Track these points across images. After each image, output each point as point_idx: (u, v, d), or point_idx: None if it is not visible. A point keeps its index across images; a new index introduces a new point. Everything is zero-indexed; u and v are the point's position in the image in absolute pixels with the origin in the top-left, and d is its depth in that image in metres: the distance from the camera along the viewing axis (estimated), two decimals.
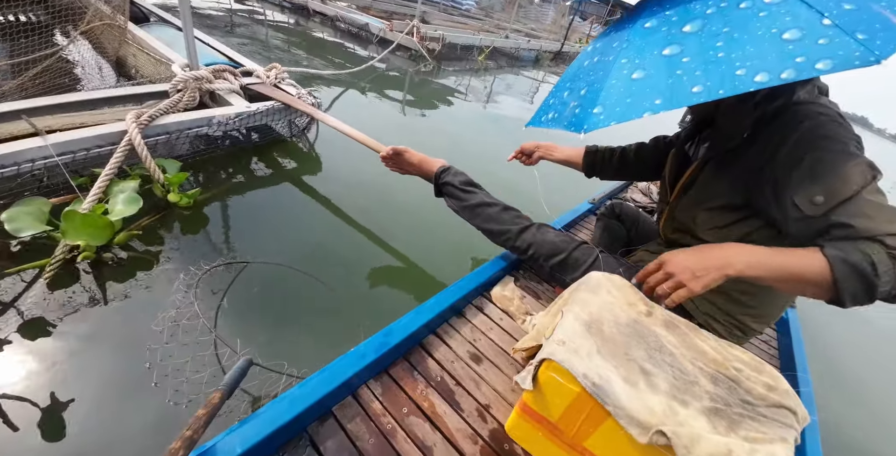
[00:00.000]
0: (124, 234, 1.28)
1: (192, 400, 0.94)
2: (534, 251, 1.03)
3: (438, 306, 0.95)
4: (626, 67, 0.62)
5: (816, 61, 0.49)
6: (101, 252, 1.23)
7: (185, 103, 1.73)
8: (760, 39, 0.53)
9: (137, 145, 1.42)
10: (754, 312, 0.85)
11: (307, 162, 2.15)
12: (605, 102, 0.60)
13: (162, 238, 1.38)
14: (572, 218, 1.66)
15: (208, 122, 1.68)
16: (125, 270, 1.23)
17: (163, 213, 1.46)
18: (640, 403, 0.53)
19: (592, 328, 0.64)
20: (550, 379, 0.59)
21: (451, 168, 1.19)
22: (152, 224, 1.41)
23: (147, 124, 1.51)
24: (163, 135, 1.57)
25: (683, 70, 0.56)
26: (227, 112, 1.74)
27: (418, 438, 0.71)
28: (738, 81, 0.51)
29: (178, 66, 1.86)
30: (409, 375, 0.82)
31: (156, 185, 1.49)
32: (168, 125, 1.58)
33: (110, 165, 1.36)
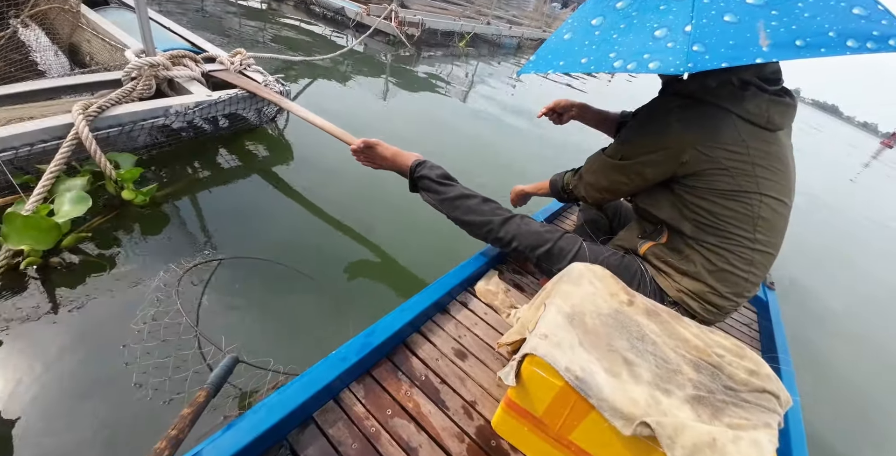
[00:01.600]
0: (73, 236, 1.19)
1: (174, 399, 0.91)
2: (518, 243, 1.02)
3: (421, 304, 0.93)
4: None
5: (652, 61, 0.58)
6: (48, 257, 1.14)
7: (140, 92, 1.61)
8: (640, 33, 0.63)
9: (85, 139, 1.31)
10: (713, 289, 0.84)
11: (278, 151, 2.06)
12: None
13: (116, 239, 1.29)
14: (554, 210, 1.66)
15: (165, 112, 1.57)
16: (76, 275, 1.15)
17: (116, 212, 1.37)
18: (623, 395, 0.52)
19: (575, 320, 0.63)
20: (533, 374, 0.58)
21: (427, 162, 1.16)
22: (105, 225, 1.31)
23: (96, 116, 1.40)
24: (115, 127, 1.46)
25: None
26: (185, 101, 1.63)
27: (403, 440, 0.70)
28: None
29: (131, 53, 1.74)
30: (392, 376, 0.80)
31: (108, 182, 1.39)
32: (120, 116, 1.47)
33: (55, 162, 1.25)
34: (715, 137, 0.76)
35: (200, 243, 1.37)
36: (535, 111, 4.51)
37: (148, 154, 1.66)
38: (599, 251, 0.97)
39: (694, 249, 0.84)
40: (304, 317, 1.24)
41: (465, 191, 1.09)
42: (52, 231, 1.13)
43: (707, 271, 0.83)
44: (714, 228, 0.81)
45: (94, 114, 1.39)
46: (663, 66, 0.57)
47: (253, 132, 2.12)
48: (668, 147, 0.80)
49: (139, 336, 1.02)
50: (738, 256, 0.81)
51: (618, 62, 0.62)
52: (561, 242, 0.99)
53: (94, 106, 1.41)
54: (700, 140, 0.77)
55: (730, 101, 0.77)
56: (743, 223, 0.79)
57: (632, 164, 0.86)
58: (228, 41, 3.73)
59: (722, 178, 0.77)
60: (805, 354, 1.80)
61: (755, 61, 0.54)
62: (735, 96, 0.77)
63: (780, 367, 0.99)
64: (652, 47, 0.59)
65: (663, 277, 0.89)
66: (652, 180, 0.86)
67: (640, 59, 0.59)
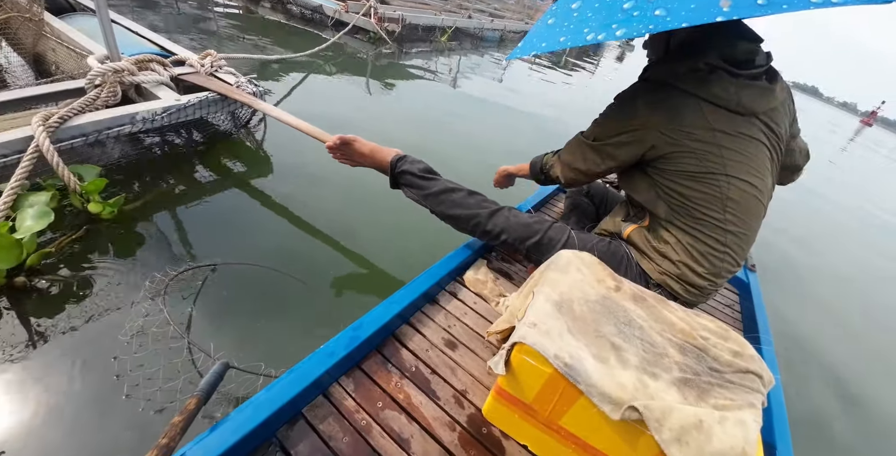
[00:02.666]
0: (37, 254, 1.13)
1: (166, 408, 0.90)
2: (507, 236, 1.01)
3: (410, 295, 0.92)
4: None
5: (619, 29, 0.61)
6: (12, 277, 1.08)
7: (104, 100, 1.52)
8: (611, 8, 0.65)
9: (46, 151, 1.24)
10: (693, 269, 0.85)
11: (256, 164, 1.99)
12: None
13: (87, 255, 1.24)
14: (541, 198, 1.66)
15: (131, 119, 1.49)
16: (47, 294, 1.10)
17: (85, 228, 1.30)
18: (611, 380, 0.53)
19: (563, 308, 0.63)
20: (523, 362, 0.58)
21: (408, 156, 1.13)
22: (74, 241, 1.25)
23: (58, 126, 1.32)
24: (78, 137, 1.37)
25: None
26: (152, 107, 1.55)
27: (394, 432, 0.69)
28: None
29: (94, 59, 1.65)
30: (382, 368, 0.80)
31: (73, 196, 1.32)
32: (83, 126, 1.38)
33: (16, 177, 1.18)
34: (679, 120, 0.78)
35: (175, 255, 1.33)
36: (520, 103, 4.49)
37: (118, 167, 1.58)
38: (587, 239, 0.97)
39: (669, 231, 0.86)
40: (295, 321, 1.22)
41: (449, 184, 1.07)
42: (13, 249, 1.06)
43: (683, 252, 0.84)
44: (685, 209, 0.82)
45: (55, 125, 1.31)
46: (627, 31, 0.59)
47: (229, 145, 2.03)
48: (634, 129, 0.82)
49: (128, 348, 1.00)
50: (711, 237, 0.82)
51: (590, 35, 0.64)
52: (550, 233, 0.99)
53: (55, 116, 1.33)
54: (664, 123, 0.79)
55: (696, 85, 0.78)
56: (712, 204, 0.80)
57: (603, 145, 0.88)
58: (205, 43, 3.58)
59: (688, 160, 0.79)
60: (788, 332, 1.87)
61: (715, 20, 0.54)
62: (702, 80, 0.78)
63: (761, 347, 1.01)
64: (620, 18, 0.62)
65: (646, 260, 0.90)
66: (623, 162, 0.88)
67: (608, 30, 0.62)
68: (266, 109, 1.72)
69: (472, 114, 3.70)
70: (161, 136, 1.83)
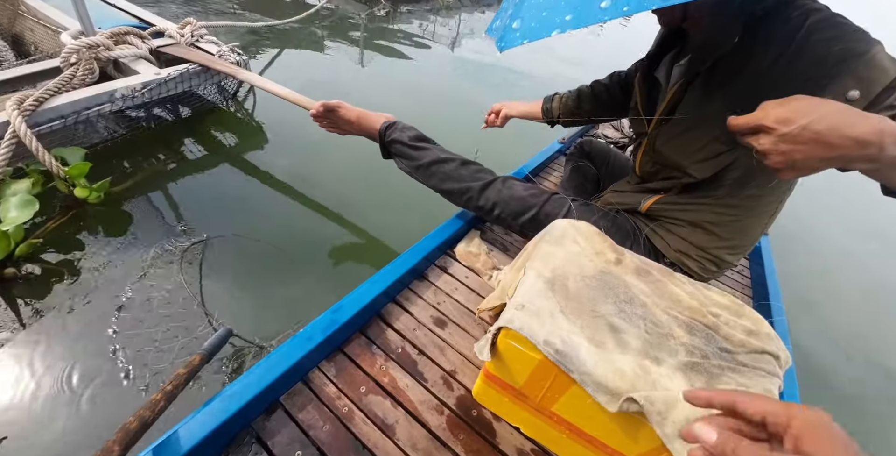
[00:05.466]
0: (26, 244, 1.08)
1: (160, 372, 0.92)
2: (500, 210, 0.92)
3: (397, 271, 0.86)
4: None
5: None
6: (1, 269, 1.04)
7: (81, 78, 1.41)
8: None
9: (24, 136, 1.16)
10: (729, 243, 0.80)
11: (248, 136, 1.89)
12: (523, 16, 0.48)
13: (77, 242, 1.19)
14: (540, 161, 1.55)
15: (110, 97, 1.39)
16: (38, 284, 1.06)
17: (73, 212, 1.25)
18: (607, 367, 0.46)
19: (556, 285, 0.56)
20: (510, 347, 0.52)
21: (398, 123, 1.02)
22: (62, 228, 1.21)
23: (34, 109, 1.23)
24: (57, 120, 1.29)
25: None
26: (131, 83, 1.44)
27: (378, 417, 0.66)
28: None
29: (68, 35, 1.52)
30: (366, 351, 0.75)
31: (58, 182, 1.25)
32: (60, 108, 1.30)
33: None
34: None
35: (167, 234, 1.27)
36: (525, 64, 4.20)
37: (104, 147, 1.51)
38: (589, 213, 0.88)
39: (721, 201, 0.75)
40: (295, 296, 1.19)
41: (442, 154, 0.97)
42: (0, 240, 1.03)
43: (730, 224, 0.75)
44: (754, 181, 0.71)
45: (30, 108, 1.22)
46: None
47: (219, 117, 1.92)
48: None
49: (127, 323, 1.00)
50: (765, 212, 0.75)
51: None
52: (547, 207, 0.90)
53: (30, 99, 1.24)
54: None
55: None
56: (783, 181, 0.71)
57: None
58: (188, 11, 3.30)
59: None
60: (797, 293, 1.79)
61: None
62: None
63: (773, 318, 0.95)
64: None
65: (664, 233, 0.82)
66: None
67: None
68: (249, 79, 1.60)
69: (473, 79, 3.47)
70: (148, 112, 1.74)
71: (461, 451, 0.63)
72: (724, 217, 0.77)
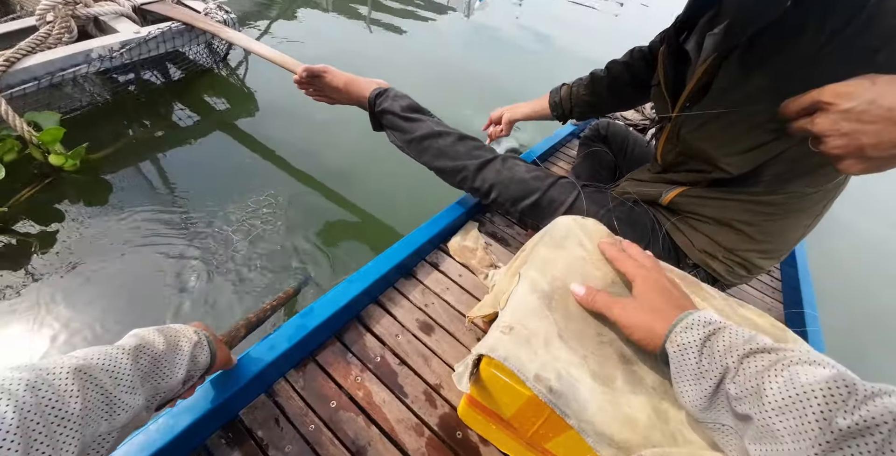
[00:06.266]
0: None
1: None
2: (497, 193, 0.81)
3: (380, 269, 0.77)
4: None
5: None
6: None
7: (57, 37, 1.33)
8: None
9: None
10: (763, 247, 0.68)
11: (240, 101, 1.80)
12: None
13: (54, 212, 1.14)
14: (550, 145, 1.42)
15: (86, 57, 1.31)
16: (10, 256, 1.02)
17: (48, 180, 1.19)
18: (614, 412, 0.37)
19: (554, 300, 0.46)
20: (494, 377, 0.43)
21: (390, 90, 0.90)
22: (36, 196, 1.15)
23: (4, 71, 1.17)
24: (30, 82, 1.22)
25: None
26: (108, 42, 1.35)
27: (349, 438, 0.58)
28: None
29: None
30: (341, 360, 0.67)
31: (33, 148, 1.19)
32: (32, 69, 1.22)
33: None
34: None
35: (152, 207, 1.21)
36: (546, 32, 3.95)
37: (87, 112, 1.44)
38: (601, 202, 0.77)
39: (757, 197, 0.64)
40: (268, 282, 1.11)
41: (437, 127, 0.85)
42: None
43: (764, 224, 0.64)
44: (804, 176, 0.60)
45: (1, 68, 1.15)
46: None
47: (210, 81, 1.83)
48: None
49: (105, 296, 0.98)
50: (810, 209, 0.63)
51: None
52: (552, 192, 0.78)
53: (1, 59, 1.17)
54: None
55: None
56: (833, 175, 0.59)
57: None
58: None
59: None
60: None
61: None
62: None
63: (806, 329, 0.84)
64: None
65: (688, 229, 0.70)
66: None
67: None
68: (234, 38, 1.49)
69: (488, 52, 3.26)
70: (135, 75, 1.66)
71: None
72: (758, 216, 0.65)
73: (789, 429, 0.26)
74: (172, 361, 0.39)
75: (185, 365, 0.40)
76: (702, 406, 0.32)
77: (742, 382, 0.29)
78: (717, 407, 0.31)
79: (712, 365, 0.32)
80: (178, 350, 0.40)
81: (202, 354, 0.43)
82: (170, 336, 0.41)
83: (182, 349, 0.41)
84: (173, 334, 0.41)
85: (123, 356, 0.34)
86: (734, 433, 0.31)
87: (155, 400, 0.37)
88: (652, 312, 0.38)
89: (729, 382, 0.30)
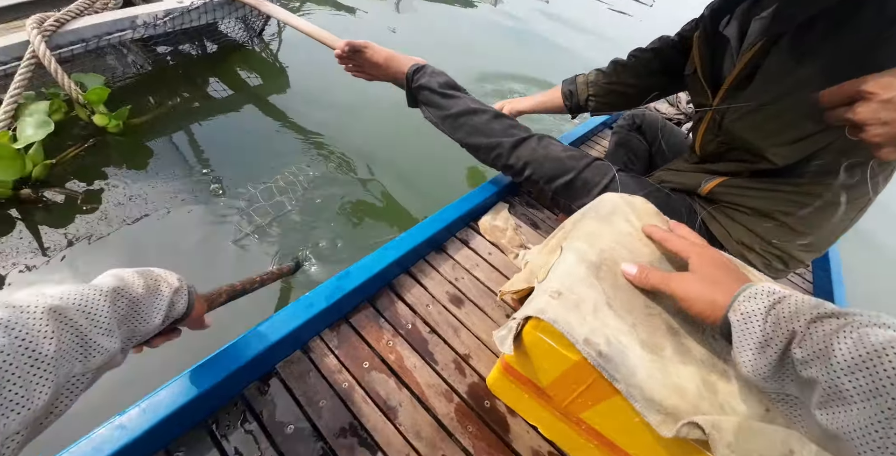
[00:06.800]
0: (42, 166, 1.08)
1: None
2: (531, 171, 0.81)
3: (413, 241, 0.78)
4: None
5: None
6: (18, 188, 1.05)
7: (104, 2, 1.37)
8: None
9: (43, 57, 1.14)
10: (805, 240, 0.67)
11: (272, 77, 1.82)
12: None
13: (96, 170, 1.18)
14: (582, 132, 1.40)
15: (132, 23, 1.34)
16: (57, 209, 1.07)
17: (92, 140, 1.23)
18: (664, 380, 0.37)
19: (602, 271, 0.46)
20: (539, 341, 0.43)
21: (427, 67, 0.90)
22: (81, 154, 1.20)
23: (54, 30, 1.20)
24: (77, 43, 1.26)
25: None
26: (153, 9, 1.39)
27: (380, 398, 0.59)
28: None
29: None
30: (373, 324, 0.68)
31: (79, 108, 1.24)
32: (81, 30, 1.26)
33: (15, 84, 1.11)
34: None
35: (186, 171, 1.25)
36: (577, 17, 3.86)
37: (128, 80, 1.49)
38: (637, 186, 0.76)
39: (801, 189, 0.62)
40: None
41: (473, 104, 0.85)
42: (15, 159, 1.02)
43: (808, 216, 0.63)
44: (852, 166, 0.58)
45: (51, 28, 1.19)
46: None
47: (244, 56, 1.86)
48: None
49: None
50: (856, 202, 0.61)
51: None
52: (587, 173, 0.78)
53: (51, 19, 1.20)
54: None
55: None
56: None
57: None
58: None
59: None
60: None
61: None
62: None
63: None
64: None
65: (725, 219, 0.69)
66: None
67: None
68: (273, 12, 1.50)
69: (512, 41, 3.20)
70: (173, 46, 1.70)
71: (468, 444, 0.56)
72: (802, 208, 0.64)
73: (859, 389, 0.26)
74: (151, 305, 0.38)
75: (164, 310, 0.39)
76: (766, 375, 0.32)
77: (809, 345, 0.29)
78: (782, 375, 0.31)
79: (778, 331, 0.32)
80: (158, 294, 0.39)
81: (180, 301, 0.42)
82: (150, 280, 0.40)
83: (162, 294, 0.40)
84: (154, 278, 0.40)
85: (101, 298, 0.33)
86: (799, 403, 0.31)
87: (130, 342, 0.37)
88: (713, 284, 0.38)
89: (795, 347, 0.30)
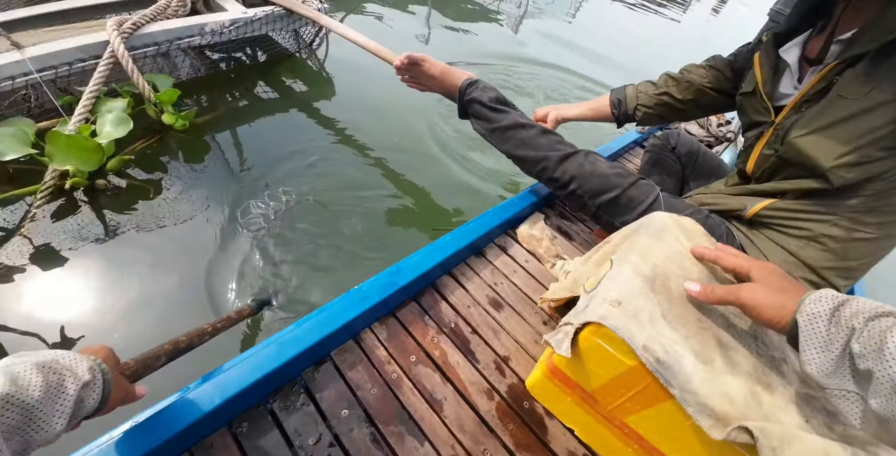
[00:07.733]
0: (117, 159, 1.17)
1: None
2: (577, 186, 0.84)
3: (455, 244, 0.82)
4: None
5: None
6: (94, 179, 1.13)
7: (175, 9, 1.48)
8: None
9: (122, 57, 1.24)
10: (844, 265, 0.68)
11: (318, 85, 1.91)
12: None
13: (160, 164, 1.27)
14: (615, 149, 1.43)
15: (200, 30, 1.45)
16: (125, 198, 1.15)
17: (158, 136, 1.33)
18: (715, 388, 0.40)
19: (656, 285, 0.49)
20: (596, 346, 0.47)
21: (480, 82, 0.95)
22: (147, 149, 1.29)
23: (131, 33, 1.31)
24: (151, 46, 1.38)
25: None
26: (220, 18, 1.50)
27: (427, 390, 0.63)
28: None
29: None
30: (419, 320, 0.73)
31: (148, 106, 1.32)
32: (155, 34, 1.37)
33: (94, 81, 1.21)
34: None
35: (241, 170, 1.35)
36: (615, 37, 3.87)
37: (186, 83, 1.59)
38: (680, 206, 0.79)
39: (851, 214, 0.65)
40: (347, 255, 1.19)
41: (521, 119, 0.90)
42: (95, 152, 1.10)
43: (853, 243, 0.65)
44: None
45: (128, 31, 1.30)
46: None
47: (292, 65, 1.95)
48: None
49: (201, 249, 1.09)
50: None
51: None
52: (632, 191, 0.81)
53: (129, 22, 1.32)
54: None
55: None
56: None
57: None
58: None
59: None
60: None
61: None
62: None
63: None
64: None
65: (764, 243, 0.71)
66: None
67: None
68: (332, 25, 1.59)
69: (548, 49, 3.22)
70: (228, 54, 1.81)
71: (509, 442, 0.60)
72: (850, 233, 0.65)
73: None
74: (51, 410, 0.31)
75: (68, 412, 0.32)
76: (828, 371, 0.35)
77: (866, 340, 0.32)
78: (842, 372, 0.34)
79: (839, 330, 0.35)
80: (61, 394, 0.32)
81: (91, 396, 0.35)
82: (52, 375, 0.32)
83: (66, 392, 0.33)
84: (57, 372, 0.33)
85: None
86: (858, 399, 0.34)
87: (27, 453, 0.31)
88: (780, 292, 0.41)
89: (854, 342, 0.33)
